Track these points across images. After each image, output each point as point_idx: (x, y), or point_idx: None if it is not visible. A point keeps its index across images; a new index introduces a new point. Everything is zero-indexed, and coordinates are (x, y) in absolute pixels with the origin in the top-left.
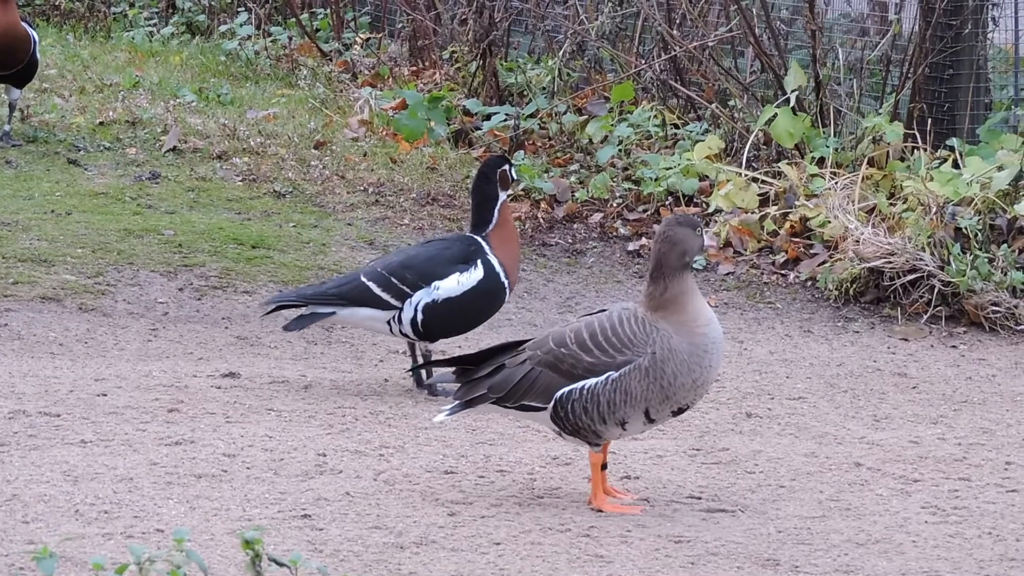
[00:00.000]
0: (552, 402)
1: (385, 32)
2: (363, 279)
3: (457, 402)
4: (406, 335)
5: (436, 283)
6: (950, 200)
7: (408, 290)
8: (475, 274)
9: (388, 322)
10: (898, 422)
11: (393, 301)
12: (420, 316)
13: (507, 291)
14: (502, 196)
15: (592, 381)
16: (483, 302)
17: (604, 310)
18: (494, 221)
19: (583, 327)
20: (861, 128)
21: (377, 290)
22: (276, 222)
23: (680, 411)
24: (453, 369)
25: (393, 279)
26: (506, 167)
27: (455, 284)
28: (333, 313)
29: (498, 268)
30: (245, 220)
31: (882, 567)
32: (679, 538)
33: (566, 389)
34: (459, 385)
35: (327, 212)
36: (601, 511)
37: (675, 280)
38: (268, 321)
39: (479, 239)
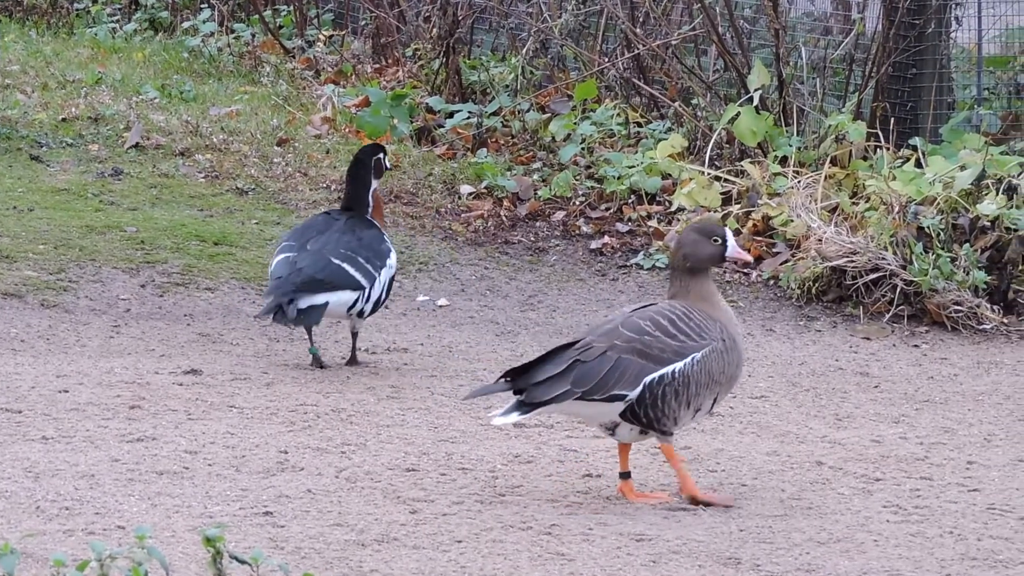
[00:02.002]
0: (640, 388)
1: (348, 29)
2: (337, 262)
3: (525, 404)
4: (362, 314)
5: (388, 260)
6: (912, 199)
7: (373, 271)
8: (395, 255)
9: (354, 302)
10: (860, 421)
11: (363, 281)
12: (384, 293)
13: None
14: (374, 183)
15: (680, 364)
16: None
17: (654, 303)
18: (370, 205)
19: (658, 315)
20: (824, 127)
21: (352, 271)
22: (239, 219)
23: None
24: (504, 380)
25: (360, 259)
26: (380, 155)
27: (395, 259)
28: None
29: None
30: (207, 217)
31: (844, 566)
32: (641, 536)
33: (657, 374)
34: (522, 390)
35: (290, 209)
36: (695, 500)
37: (688, 280)
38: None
39: (369, 219)
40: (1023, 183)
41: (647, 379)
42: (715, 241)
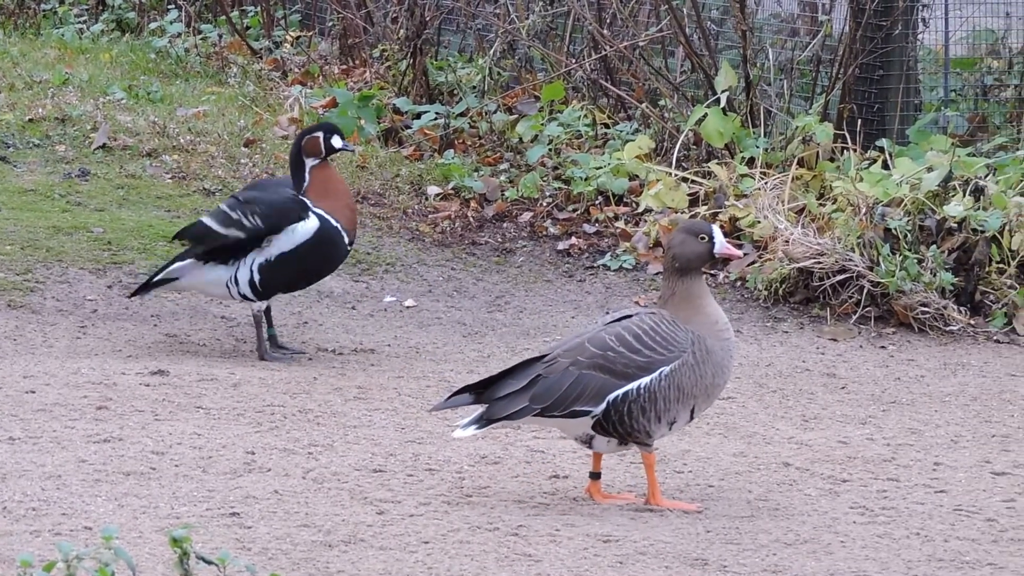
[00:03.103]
0: (604, 404)
1: (315, 30)
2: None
3: (485, 419)
4: (244, 296)
5: (271, 237)
6: (879, 201)
7: (260, 224)
8: (310, 224)
9: (227, 284)
10: (827, 422)
11: (221, 230)
12: (257, 276)
13: (343, 237)
14: (308, 162)
15: (647, 379)
16: (326, 249)
17: (630, 315)
18: (305, 182)
19: (623, 330)
20: (791, 128)
21: (211, 222)
22: None
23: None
24: (468, 393)
25: (237, 212)
26: (317, 134)
27: (286, 242)
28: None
29: (328, 217)
30: (175, 218)
31: (810, 567)
32: (608, 537)
33: (621, 391)
34: (484, 405)
35: None
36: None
37: (676, 281)
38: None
39: (300, 196)
40: (990, 185)
41: (611, 396)
42: (702, 239)
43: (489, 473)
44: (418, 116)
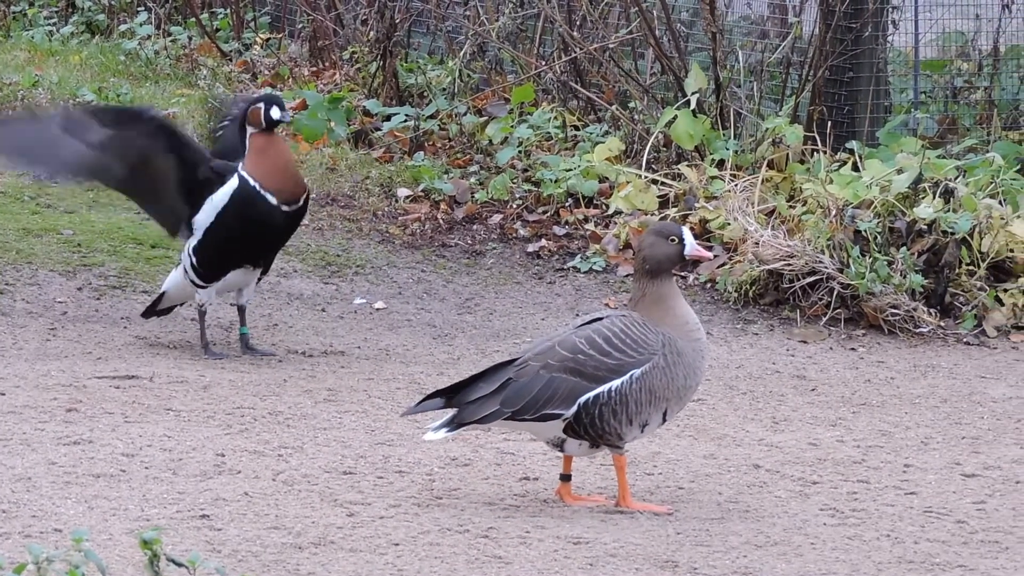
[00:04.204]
0: (575, 407)
1: (285, 32)
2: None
3: (455, 422)
4: (196, 286)
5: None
6: (849, 203)
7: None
8: (228, 187)
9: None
10: (797, 424)
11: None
12: (193, 258)
13: (268, 200)
14: (249, 130)
15: (618, 382)
16: (248, 211)
17: (601, 318)
18: (247, 151)
19: (593, 333)
20: (761, 130)
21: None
22: None
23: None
24: (439, 397)
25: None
26: (259, 105)
27: (209, 212)
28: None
29: (248, 178)
30: (144, 220)
31: (781, 569)
32: (578, 539)
33: (592, 394)
34: (455, 409)
35: None
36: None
37: (646, 283)
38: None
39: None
40: (960, 187)
41: (582, 399)
42: (672, 241)
43: (459, 475)
44: (388, 118)
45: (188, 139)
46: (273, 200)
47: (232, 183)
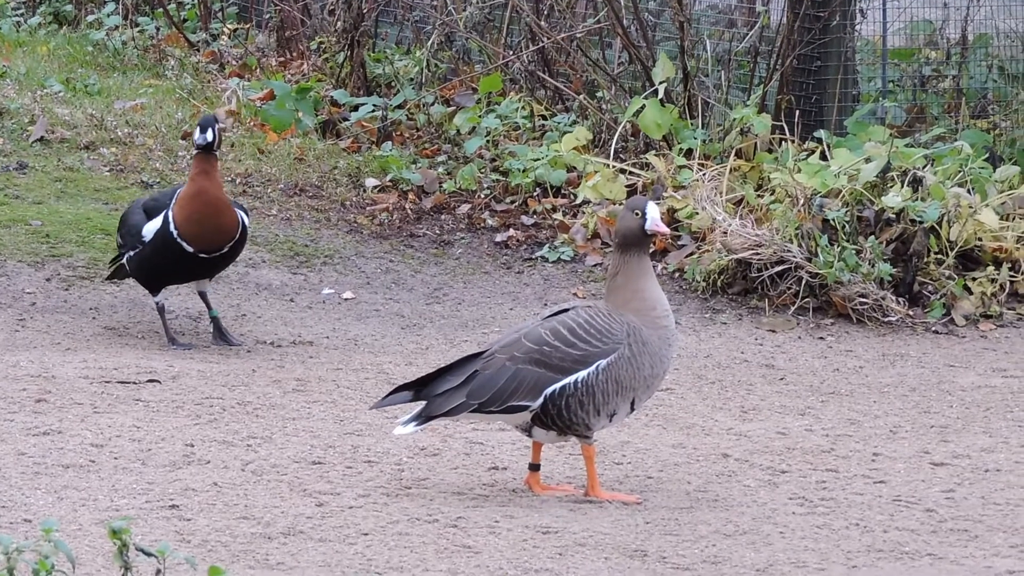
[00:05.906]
0: (542, 398)
1: (253, 22)
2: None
3: (424, 415)
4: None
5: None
6: (817, 192)
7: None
8: (154, 224)
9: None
10: (766, 413)
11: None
12: (129, 267)
13: (184, 248)
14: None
15: (584, 373)
16: (166, 253)
17: (567, 309)
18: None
19: (559, 324)
20: (729, 120)
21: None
22: None
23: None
24: (406, 390)
25: (119, 235)
26: (197, 127)
27: (141, 239)
28: None
29: (171, 224)
30: (113, 211)
31: (750, 558)
32: (547, 528)
33: (558, 385)
34: (423, 402)
35: None
36: (599, 500)
37: (618, 257)
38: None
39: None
40: (928, 175)
41: (548, 390)
42: (637, 214)
43: (428, 465)
44: (356, 108)
45: None
46: (189, 248)
47: (157, 222)
